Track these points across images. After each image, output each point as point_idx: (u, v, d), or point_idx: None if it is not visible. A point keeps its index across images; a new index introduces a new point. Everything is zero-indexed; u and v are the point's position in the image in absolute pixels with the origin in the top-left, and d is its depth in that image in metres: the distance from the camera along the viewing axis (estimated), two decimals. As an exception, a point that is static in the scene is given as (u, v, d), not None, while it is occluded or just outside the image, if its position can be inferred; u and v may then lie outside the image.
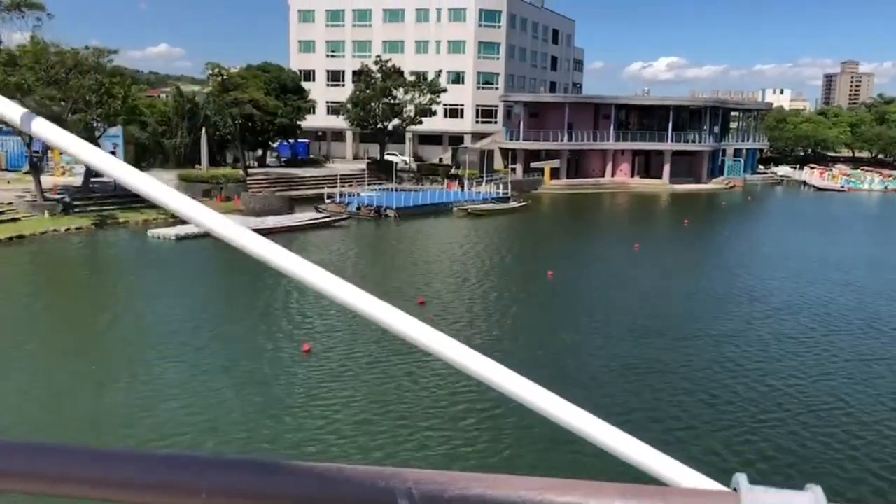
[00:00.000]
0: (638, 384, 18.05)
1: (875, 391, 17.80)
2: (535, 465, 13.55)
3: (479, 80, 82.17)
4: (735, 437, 14.94)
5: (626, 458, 0.87)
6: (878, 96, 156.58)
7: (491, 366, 0.93)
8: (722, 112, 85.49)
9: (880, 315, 25.41)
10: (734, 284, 30.46)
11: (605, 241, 44.30)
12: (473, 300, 26.69)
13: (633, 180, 77.13)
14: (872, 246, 42.08)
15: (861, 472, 13.57)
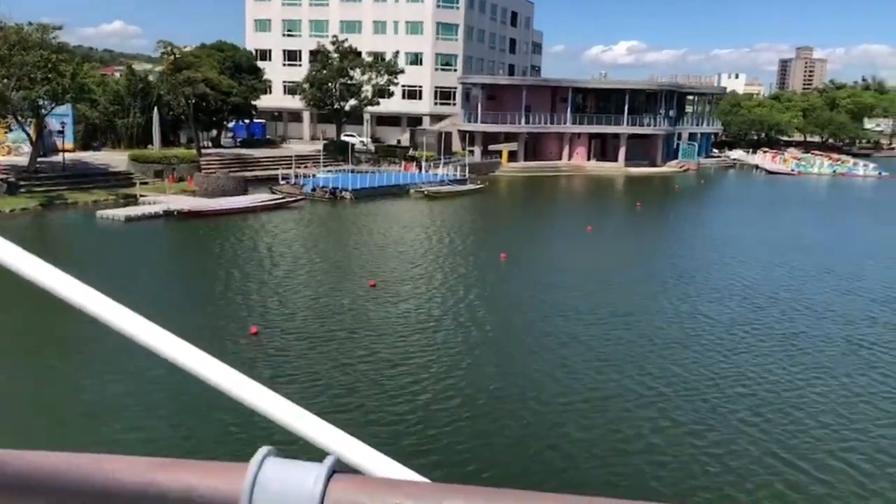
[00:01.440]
0: (563, 358, 18.37)
1: (790, 364, 18.34)
2: (463, 452, 13.76)
3: (438, 61, 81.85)
4: (635, 406, 15.30)
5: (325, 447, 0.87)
6: (829, 82, 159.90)
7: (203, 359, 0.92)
8: (677, 96, 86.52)
9: (804, 294, 26.14)
10: (676, 266, 31.05)
11: (559, 224, 44.72)
12: (425, 282, 26.79)
13: (589, 163, 77.78)
14: (814, 229, 43.10)
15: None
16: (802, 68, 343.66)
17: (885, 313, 23.81)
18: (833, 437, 14.33)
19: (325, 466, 0.72)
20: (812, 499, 12.05)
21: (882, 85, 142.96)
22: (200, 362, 0.91)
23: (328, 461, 0.73)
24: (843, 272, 30.25)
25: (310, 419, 0.90)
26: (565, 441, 13.95)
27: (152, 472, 0.76)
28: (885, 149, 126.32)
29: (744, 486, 12.38)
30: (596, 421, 14.91)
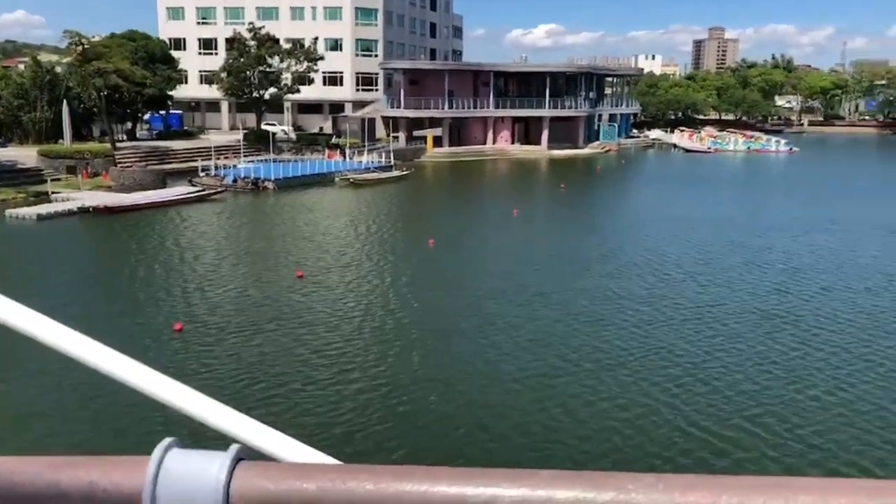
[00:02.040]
0: (491, 339, 18.54)
1: (707, 335, 18.97)
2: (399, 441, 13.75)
3: (358, 47, 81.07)
4: (562, 382, 15.62)
5: (233, 436, 0.85)
6: (741, 61, 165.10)
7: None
8: (597, 78, 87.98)
9: (719, 268, 27.00)
10: (600, 246, 31.67)
11: (486, 208, 44.99)
12: (353, 271, 26.59)
13: (513, 147, 78.47)
14: (729, 205, 44.52)
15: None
16: (716, 48, 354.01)
17: (792, 284, 24.77)
18: (748, 402, 14.87)
19: (230, 455, 0.71)
20: (733, 461, 12.48)
21: (791, 63, 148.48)
22: (99, 355, 0.89)
23: (233, 449, 0.72)
24: (755, 245, 31.35)
25: (215, 408, 0.88)
26: (495, 420, 14.08)
27: (50, 472, 0.73)
28: (795, 125, 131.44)
29: (668, 454, 12.73)
30: (524, 398, 15.09)
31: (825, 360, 17.35)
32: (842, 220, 37.79)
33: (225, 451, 0.72)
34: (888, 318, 20.80)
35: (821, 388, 15.67)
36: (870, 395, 15.35)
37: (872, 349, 18.18)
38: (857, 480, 0.63)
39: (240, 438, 0.86)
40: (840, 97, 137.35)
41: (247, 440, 0.87)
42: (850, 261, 28.37)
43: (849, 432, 13.61)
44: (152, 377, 0.91)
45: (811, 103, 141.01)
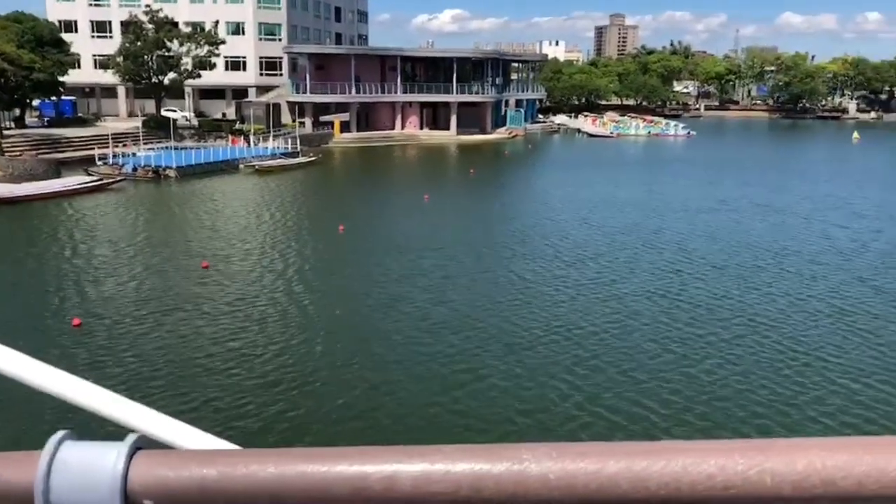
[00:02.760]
0: (398, 323, 18.61)
1: (605, 312, 19.56)
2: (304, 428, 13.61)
3: (261, 30, 79.10)
4: (463, 361, 15.83)
5: (131, 426, 0.85)
6: (641, 48, 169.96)
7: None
8: (503, 64, 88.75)
9: (618, 248, 27.86)
10: (508, 229, 32.15)
11: (396, 193, 44.82)
12: (261, 259, 26.07)
13: (422, 132, 78.44)
14: (629, 187, 45.80)
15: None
16: (616, 35, 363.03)
17: (685, 263, 25.67)
18: (643, 375, 15.38)
19: (127, 444, 0.69)
20: (628, 432, 12.89)
21: (687, 49, 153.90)
22: None
23: (130, 438, 0.71)
24: (653, 226, 32.37)
25: (112, 399, 0.87)
26: (398, 403, 14.13)
27: None
28: (693, 110, 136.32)
29: (569, 426, 13.04)
30: (428, 380, 15.18)
31: (715, 334, 18.14)
32: (731, 200, 39.52)
33: (122, 441, 0.70)
34: (774, 292, 21.89)
35: (711, 360, 16.36)
36: (757, 366, 16.13)
37: (759, 322, 19.11)
38: (730, 441, 0.68)
39: (139, 429, 0.84)
40: (734, 82, 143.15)
41: (146, 430, 0.86)
42: (738, 239, 29.64)
43: (735, 401, 14.30)
44: (44, 371, 0.89)
45: (707, 88, 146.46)
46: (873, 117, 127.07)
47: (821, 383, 15.10)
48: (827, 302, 20.83)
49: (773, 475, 0.67)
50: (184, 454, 0.74)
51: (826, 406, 14.08)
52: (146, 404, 0.91)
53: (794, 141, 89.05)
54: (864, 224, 32.85)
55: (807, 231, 31.31)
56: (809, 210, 36.45)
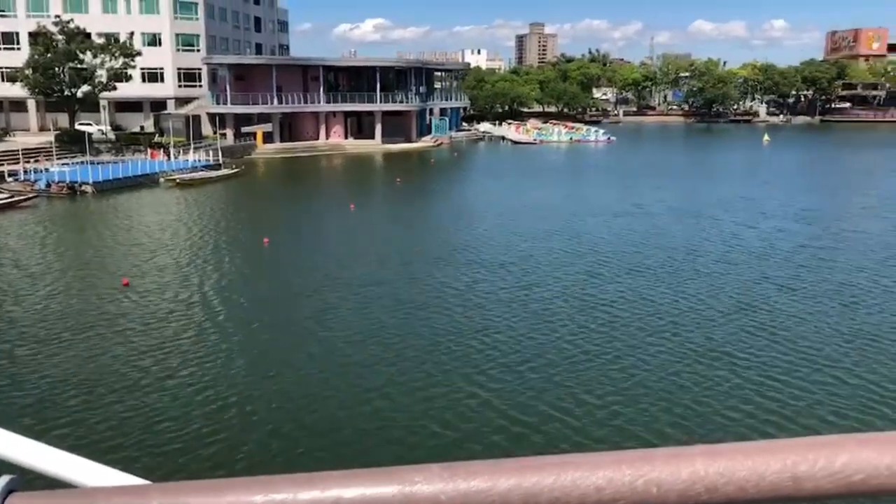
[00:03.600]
0: (323, 334, 18.59)
1: (523, 315, 19.91)
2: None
3: (178, 41, 77.31)
4: (377, 372, 15.90)
5: (12, 460, 0.80)
6: (561, 55, 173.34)
7: None
8: (426, 73, 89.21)
9: (539, 253, 28.31)
10: (434, 237, 32.39)
11: (322, 203, 44.48)
12: (184, 274, 25.48)
13: (347, 141, 78.08)
14: (553, 193, 46.52)
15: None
16: (537, 43, 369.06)
17: (602, 267, 26.19)
18: (557, 381, 15.69)
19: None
20: (543, 437, 13.13)
21: (605, 57, 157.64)
22: None
23: (2, 482, 0.65)
24: (573, 230, 32.99)
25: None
26: (319, 418, 14.07)
27: None
28: (612, 116, 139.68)
29: (487, 435, 13.18)
30: (347, 394, 15.15)
31: (628, 334, 18.68)
32: (647, 203, 40.58)
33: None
34: (684, 291, 22.57)
35: (626, 360, 16.82)
36: (669, 365, 16.62)
37: (669, 321, 19.72)
38: (619, 452, 0.70)
39: (27, 466, 0.79)
40: (650, 88, 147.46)
41: (37, 467, 0.80)
42: (653, 241, 30.41)
43: (649, 399, 14.75)
44: None
45: (625, 95, 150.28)
46: (782, 120, 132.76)
47: (728, 378, 15.70)
48: (733, 299, 21.66)
49: (660, 484, 0.69)
50: (68, 494, 0.68)
51: (733, 402, 14.63)
52: (44, 436, 0.82)
53: (709, 144, 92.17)
54: (770, 224, 34.19)
55: (717, 232, 32.37)
56: (721, 212, 37.73)
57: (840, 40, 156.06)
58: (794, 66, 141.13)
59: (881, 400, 14.48)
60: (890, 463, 0.71)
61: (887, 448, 0.73)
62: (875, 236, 31.36)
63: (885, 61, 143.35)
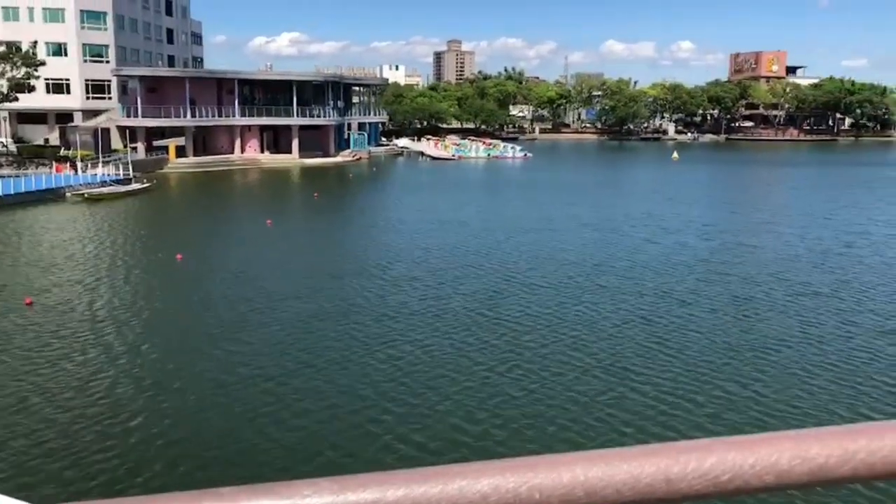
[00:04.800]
0: (233, 352, 18.47)
1: (432, 326, 20.23)
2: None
3: (86, 52, 74.96)
4: (294, 384, 15.93)
5: None
6: (478, 73, 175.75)
7: None
8: (344, 87, 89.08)
9: (445, 268, 28.59)
10: (348, 250, 32.45)
11: (237, 219, 43.80)
12: (92, 292, 24.70)
13: (263, 156, 77.13)
14: (471, 209, 47.07)
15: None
16: (454, 60, 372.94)
17: (506, 282, 26.53)
18: (454, 398, 16.05)
19: None
20: (437, 449, 13.35)
21: (521, 75, 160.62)
22: None
23: None
24: (483, 245, 33.33)
25: None
26: (225, 436, 13.99)
27: None
28: (529, 133, 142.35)
29: (389, 445, 13.32)
30: (254, 408, 15.09)
31: (532, 348, 19.16)
32: (559, 219, 41.41)
33: None
34: (587, 307, 23.20)
35: (523, 374, 17.24)
36: (567, 376, 17.16)
37: (568, 334, 20.34)
38: (504, 461, 0.72)
39: None
40: (565, 106, 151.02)
41: None
42: (560, 256, 30.95)
43: (543, 412, 15.18)
44: None
45: (541, 112, 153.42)
46: (690, 138, 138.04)
47: (619, 388, 16.34)
48: (631, 313, 22.42)
49: (542, 490, 0.71)
50: None
51: (622, 410, 15.23)
52: None
53: (620, 161, 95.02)
54: (673, 239, 35.34)
55: (622, 247, 33.28)
56: (627, 227, 38.89)
57: (743, 62, 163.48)
58: (701, 87, 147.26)
59: (759, 406, 15.27)
60: (754, 463, 0.77)
61: (751, 449, 0.79)
62: (769, 250, 32.97)
63: (784, 82, 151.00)
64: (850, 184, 62.73)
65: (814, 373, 17.11)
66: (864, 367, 17.46)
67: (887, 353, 18.53)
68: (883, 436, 0.81)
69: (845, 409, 15.15)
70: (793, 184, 65.48)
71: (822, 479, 0.79)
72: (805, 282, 26.34)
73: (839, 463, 0.79)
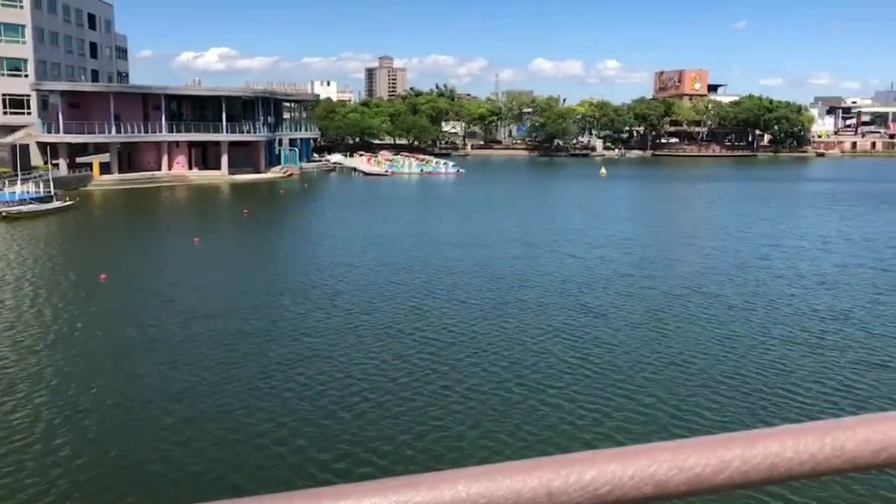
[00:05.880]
0: (146, 370, 18.38)
1: (355, 342, 20.44)
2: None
3: (3, 65, 72.59)
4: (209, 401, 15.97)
5: None
6: (410, 89, 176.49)
7: None
8: (274, 103, 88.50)
9: (372, 284, 28.84)
10: (274, 268, 32.36)
11: (164, 237, 43.06)
12: (8, 314, 23.95)
13: (191, 172, 75.94)
14: (404, 224, 47.32)
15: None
16: (386, 76, 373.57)
17: (429, 297, 26.82)
18: (376, 398, 16.29)
19: None
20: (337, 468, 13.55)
21: (453, 92, 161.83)
22: None
23: None
24: (411, 261, 33.70)
25: None
26: (134, 456, 13.88)
27: None
28: (461, 149, 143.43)
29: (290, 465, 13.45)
30: (166, 426, 15.02)
31: (452, 363, 19.42)
32: (485, 234, 41.92)
33: None
34: (507, 321, 23.70)
35: (436, 390, 17.52)
36: (475, 391, 17.55)
37: (489, 352, 20.73)
38: (387, 480, 0.74)
39: None
40: (496, 123, 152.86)
41: None
42: (482, 272, 31.28)
43: (451, 426, 15.59)
44: None
45: (473, 129, 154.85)
46: (617, 154, 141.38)
47: (529, 399, 16.80)
48: (551, 326, 22.94)
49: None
50: None
51: (539, 424, 15.69)
52: None
53: (550, 177, 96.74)
54: (596, 253, 36.14)
55: (547, 262, 33.89)
56: (552, 241, 39.63)
57: (667, 80, 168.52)
58: (627, 104, 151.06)
59: (669, 416, 15.91)
60: (633, 474, 0.80)
61: (631, 460, 0.81)
62: (688, 264, 34.20)
63: (706, 100, 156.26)
64: (766, 198, 65.36)
65: (724, 382, 17.91)
66: (773, 377, 18.34)
67: (795, 362, 19.49)
68: (755, 444, 0.84)
69: (751, 416, 15.91)
70: (713, 198, 67.82)
71: (699, 488, 0.82)
72: (720, 294, 27.44)
73: (715, 472, 0.81)
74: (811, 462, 0.85)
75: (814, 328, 22.81)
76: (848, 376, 18.35)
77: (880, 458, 0.86)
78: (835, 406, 16.40)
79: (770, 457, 0.84)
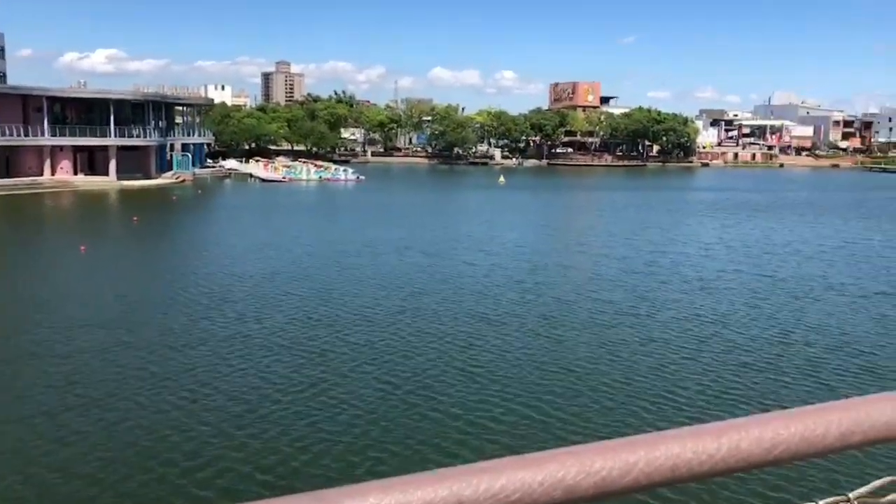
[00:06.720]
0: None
1: (288, 357, 20.23)
2: None
3: None
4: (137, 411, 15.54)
5: None
6: (308, 95, 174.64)
7: None
8: (165, 107, 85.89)
9: (272, 295, 28.36)
10: (165, 278, 31.40)
11: (47, 246, 40.95)
12: None
13: (76, 178, 72.73)
14: (304, 233, 46.80)
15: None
16: (283, 82, 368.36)
17: (320, 306, 26.64)
18: (258, 412, 16.18)
19: None
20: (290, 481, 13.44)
21: (352, 98, 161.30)
22: None
23: None
24: (300, 270, 33.28)
25: None
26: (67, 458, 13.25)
27: None
28: (361, 156, 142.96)
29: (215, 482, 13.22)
30: (88, 427, 14.44)
31: (343, 376, 19.36)
32: (378, 242, 41.74)
33: None
34: (395, 330, 23.88)
35: (324, 400, 17.48)
36: (360, 401, 17.65)
37: (376, 360, 20.86)
38: (330, 490, 0.75)
39: None
40: (396, 130, 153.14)
41: None
42: (374, 281, 31.10)
43: (334, 440, 15.59)
44: None
45: (373, 136, 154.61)
46: (515, 163, 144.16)
47: (428, 410, 17.01)
48: (447, 334, 23.11)
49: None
50: None
51: (429, 434, 15.87)
52: None
53: (450, 184, 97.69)
54: (491, 261, 36.59)
55: (443, 270, 34.13)
56: (449, 249, 40.01)
57: (561, 91, 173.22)
58: (524, 114, 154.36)
59: (562, 422, 16.40)
60: (542, 480, 0.81)
61: (539, 467, 0.82)
62: (579, 270, 35.33)
63: (599, 112, 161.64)
64: (654, 206, 68.15)
65: (613, 386, 18.58)
66: (659, 380, 19.16)
67: (679, 364, 20.44)
68: (657, 446, 0.87)
69: (635, 419, 16.59)
70: (605, 206, 70.14)
71: (606, 491, 0.84)
72: (609, 300, 28.41)
73: (621, 474, 0.84)
74: (710, 462, 0.88)
75: (696, 331, 23.96)
76: (728, 378, 19.36)
77: (772, 455, 0.90)
78: (717, 407, 17.25)
79: (671, 458, 0.86)
